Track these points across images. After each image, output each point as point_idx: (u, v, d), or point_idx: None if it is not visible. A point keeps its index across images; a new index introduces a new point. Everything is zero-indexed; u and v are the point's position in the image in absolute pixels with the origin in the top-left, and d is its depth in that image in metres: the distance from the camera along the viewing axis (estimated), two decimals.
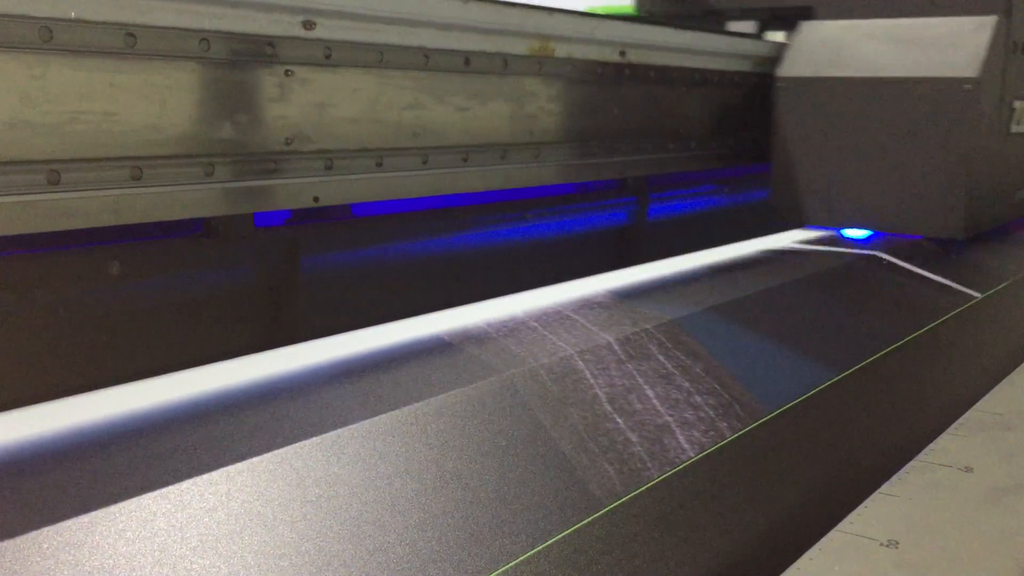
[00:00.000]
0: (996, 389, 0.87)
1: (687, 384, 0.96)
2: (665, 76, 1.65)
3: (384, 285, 1.34)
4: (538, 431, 0.80)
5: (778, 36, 1.96)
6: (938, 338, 1.24)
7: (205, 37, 0.96)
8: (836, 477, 0.78)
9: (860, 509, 0.53)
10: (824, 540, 0.50)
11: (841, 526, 0.51)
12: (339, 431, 0.69)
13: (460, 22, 1.26)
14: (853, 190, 1.65)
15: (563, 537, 0.70)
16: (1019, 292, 1.59)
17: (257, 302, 1.18)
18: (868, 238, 1.68)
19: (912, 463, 0.59)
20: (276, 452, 0.64)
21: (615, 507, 0.75)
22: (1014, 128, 1.74)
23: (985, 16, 1.58)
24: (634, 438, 0.85)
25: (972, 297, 1.46)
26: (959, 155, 1.54)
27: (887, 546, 0.45)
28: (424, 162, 1.25)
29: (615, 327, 1.03)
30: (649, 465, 0.82)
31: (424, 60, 1.22)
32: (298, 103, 1.08)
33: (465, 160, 1.31)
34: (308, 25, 1.07)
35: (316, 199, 1.12)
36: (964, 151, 1.54)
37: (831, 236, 1.69)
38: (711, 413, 0.92)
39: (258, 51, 1.02)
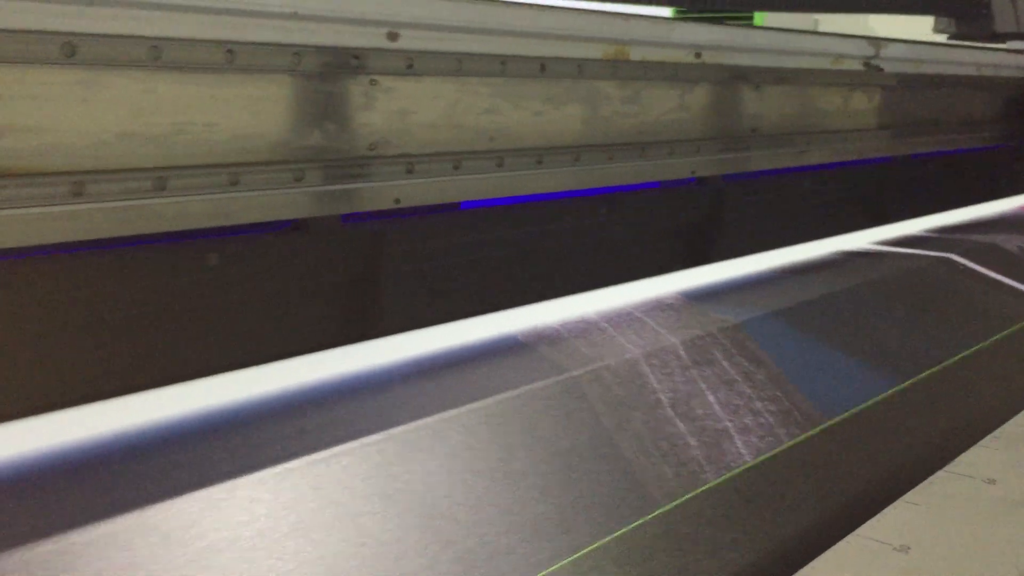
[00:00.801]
0: None
1: (748, 390, 0.99)
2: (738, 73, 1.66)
3: (465, 278, 1.40)
4: (601, 433, 0.84)
5: None
6: (1006, 347, 1.24)
7: (297, 51, 1.03)
8: (885, 483, 0.81)
9: (880, 515, 0.56)
10: (840, 544, 0.54)
11: (859, 530, 0.54)
12: (414, 424, 0.75)
13: (535, 30, 1.30)
14: None
15: (621, 534, 0.74)
16: None
17: (343, 294, 1.25)
18: None
19: (939, 472, 0.62)
20: (357, 443, 0.70)
21: (671, 507, 0.79)
22: None
23: None
24: (693, 442, 0.89)
25: None
26: None
27: (899, 551, 0.48)
28: (499, 164, 1.30)
29: (682, 330, 1.06)
30: (706, 468, 0.85)
31: (501, 67, 1.27)
32: (382, 111, 1.14)
33: (539, 162, 1.36)
34: (392, 36, 1.13)
35: (397, 200, 1.18)
36: None
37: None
38: (770, 420, 0.95)
39: (345, 63, 1.08)
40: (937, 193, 2.42)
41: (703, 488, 0.83)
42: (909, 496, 0.59)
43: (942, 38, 2.68)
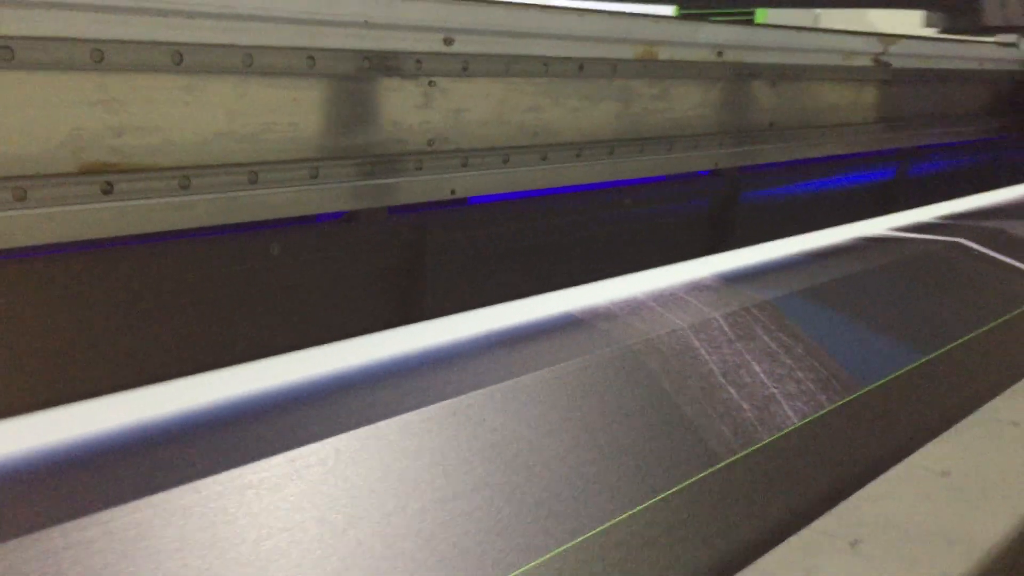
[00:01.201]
0: None
1: (789, 361, 1.08)
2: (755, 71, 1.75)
3: (499, 265, 1.48)
4: (664, 396, 0.93)
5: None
6: (1011, 331, 1.33)
7: (367, 56, 1.11)
8: (926, 429, 0.90)
9: (923, 449, 0.65)
10: (893, 469, 0.63)
11: (910, 459, 0.63)
12: (504, 384, 0.84)
13: (575, 33, 1.39)
14: None
15: (687, 485, 0.83)
16: None
17: (391, 279, 1.33)
18: None
19: (968, 417, 0.71)
20: (451, 401, 0.79)
21: (731, 462, 0.88)
22: None
23: None
24: (746, 405, 0.98)
25: None
26: None
27: (942, 475, 0.57)
28: (543, 158, 1.39)
29: (723, 307, 1.15)
30: (759, 429, 0.95)
31: (544, 68, 1.36)
32: (439, 109, 1.23)
33: (578, 155, 1.45)
34: (448, 41, 1.22)
35: (453, 191, 1.27)
36: None
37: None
38: (811, 387, 1.04)
39: (406, 66, 1.17)
40: (945, 181, 2.52)
41: (757, 446, 0.92)
42: (944, 436, 0.68)
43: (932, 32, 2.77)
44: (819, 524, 0.53)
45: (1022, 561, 0.50)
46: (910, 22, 2.89)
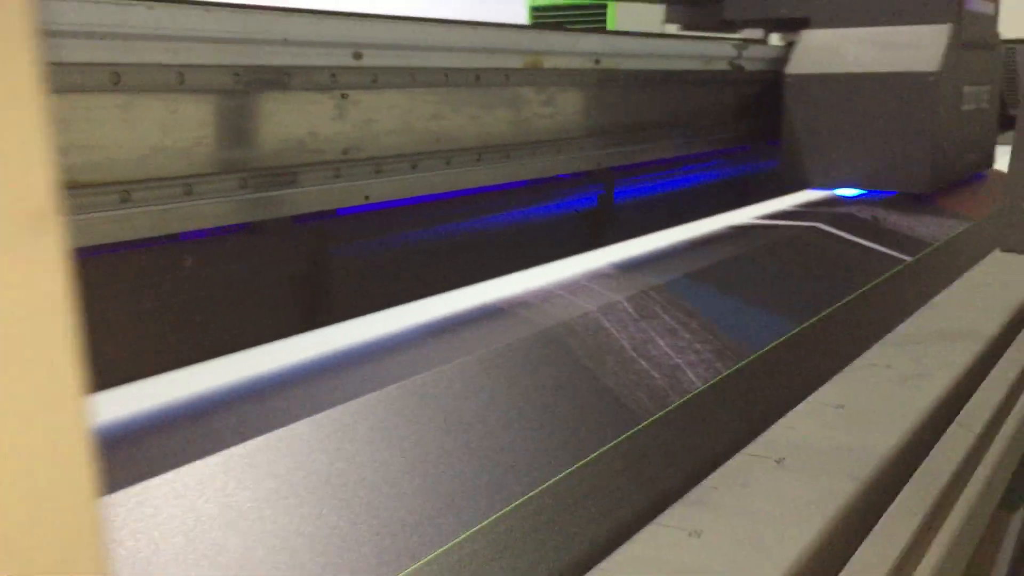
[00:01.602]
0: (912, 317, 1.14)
1: (688, 335, 1.21)
2: (639, 78, 1.90)
3: (394, 268, 1.56)
4: (585, 371, 1.04)
5: (775, 39, 2.56)
6: (872, 296, 1.52)
7: (287, 72, 1.18)
8: (818, 375, 1.05)
9: (820, 389, 0.79)
10: (798, 407, 0.76)
11: (809, 398, 0.77)
12: (444, 367, 0.93)
13: (471, 44, 1.49)
14: (846, 159, 2.19)
15: (618, 442, 0.94)
16: (944, 256, 1.88)
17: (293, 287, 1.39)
18: (859, 195, 2.19)
19: (853, 363, 0.86)
20: (406, 383, 0.87)
21: (649, 422, 1.00)
22: (964, 107, 2.32)
23: (942, 24, 2.14)
24: (656, 374, 1.10)
25: (902, 261, 1.74)
26: (926, 129, 2.07)
27: (837, 408, 0.71)
28: (447, 163, 1.48)
29: (624, 292, 1.28)
30: (670, 393, 1.07)
31: (444, 78, 1.45)
32: (352, 120, 1.30)
33: (478, 160, 1.55)
34: (357, 56, 1.29)
35: (367, 197, 1.35)
36: (929, 126, 2.07)
37: (804, 205, 2.06)
38: (709, 356, 1.18)
39: (323, 81, 1.24)
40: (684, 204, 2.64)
41: (670, 407, 1.04)
42: (835, 379, 0.81)
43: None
44: (749, 449, 0.65)
45: (903, 463, 0.63)
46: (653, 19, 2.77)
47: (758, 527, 0.53)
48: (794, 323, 1.33)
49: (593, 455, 0.85)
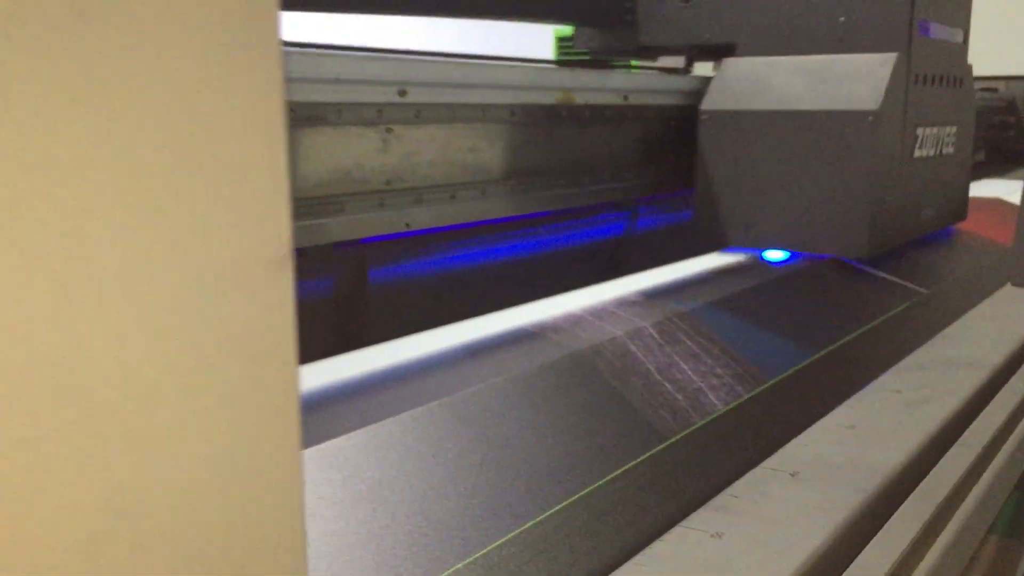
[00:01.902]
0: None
1: (710, 360, 1.28)
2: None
3: (426, 293, 1.64)
4: (613, 391, 1.11)
5: (707, 68, 2.06)
6: (886, 326, 1.58)
7: (339, 108, 1.26)
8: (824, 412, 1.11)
9: (834, 411, 0.86)
10: (813, 427, 0.83)
11: (822, 421, 0.83)
12: (480, 387, 1.00)
13: (507, 83, 1.57)
14: (771, 213, 1.79)
15: (645, 458, 1.01)
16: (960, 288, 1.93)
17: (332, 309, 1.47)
18: (785, 260, 1.79)
19: (864, 388, 0.92)
20: (447, 400, 0.95)
21: (673, 440, 1.06)
22: (918, 153, 1.90)
23: (887, 53, 1.73)
24: (680, 396, 1.17)
25: (918, 292, 1.80)
26: (863, 180, 1.69)
27: (849, 428, 0.77)
28: (483, 193, 1.56)
29: (650, 318, 1.35)
30: (692, 414, 1.13)
31: (482, 114, 1.54)
32: (394, 153, 1.39)
33: (511, 189, 1.63)
34: (402, 93, 1.38)
35: (407, 225, 1.43)
36: (867, 176, 1.69)
37: (753, 258, 1.81)
38: (730, 380, 1.24)
39: (368, 116, 1.33)
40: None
41: (692, 428, 1.11)
42: (848, 402, 0.88)
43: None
44: (767, 463, 0.71)
45: (906, 478, 0.70)
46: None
47: (773, 530, 0.59)
48: (811, 351, 1.39)
49: (621, 469, 0.92)
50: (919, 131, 1.88)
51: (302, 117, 1.21)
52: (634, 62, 2.25)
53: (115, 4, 0.21)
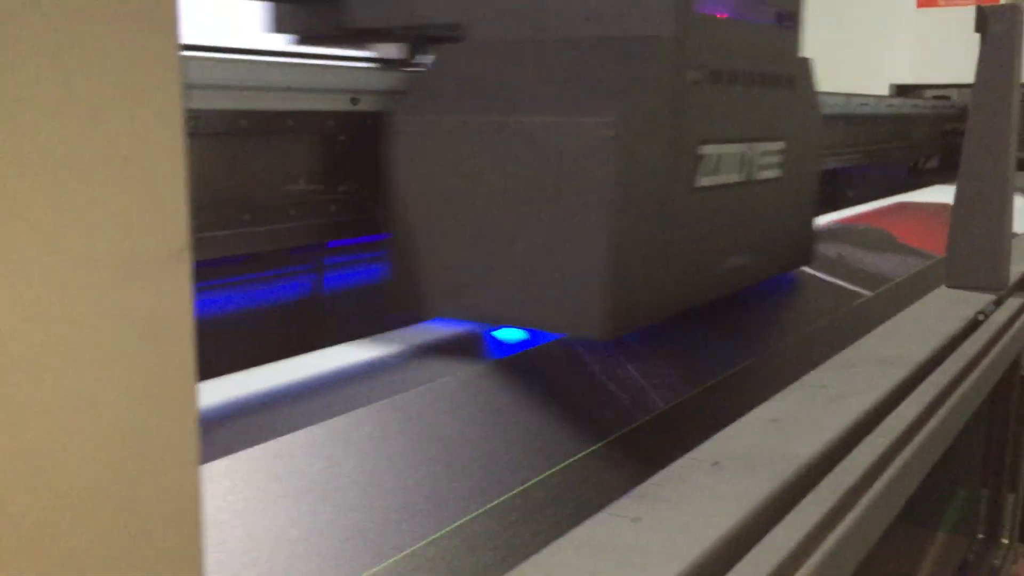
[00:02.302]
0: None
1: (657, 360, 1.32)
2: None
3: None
4: (557, 392, 1.15)
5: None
6: (829, 327, 1.63)
7: (290, 116, 1.29)
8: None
9: (770, 400, 0.90)
10: (747, 415, 0.87)
11: (756, 410, 0.87)
12: (426, 387, 1.03)
13: None
14: (488, 274, 1.17)
15: (585, 454, 1.04)
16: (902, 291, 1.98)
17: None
18: (521, 341, 1.22)
19: (792, 385, 0.96)
20: (394, 399, 0.97)
21: (614, 438, 1.10)
22: (705, 180, 1.27)
23: (643, 36, 1.15)
24: (623, 396, 1.20)
25: (862, 295, 1.85)
26: (597, 224, 1.08)
27: (774, 422, 0.81)
28: None
29: None
30: (636, 412, 1.17)
31: None
32: None
33: None
34: (354, 101, 1.40)
35: None
36: (605, 218, 1.08)
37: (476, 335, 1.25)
38: (674, 380, 1.28)
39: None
40: None
41: (636, 424, 1.14)
42: (775, 397, 0.92)
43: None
44: (690, 454, 0.75)
45: (822, 467, 0.74)
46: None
47: (689, 515, 0.63)
48: (755, 351, 1.44)
49: (561, 465, 0.95)
50: (705, 150, 1.27)
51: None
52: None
53: (25, 16, 0.23)
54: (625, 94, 1.10)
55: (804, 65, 1.56)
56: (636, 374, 1.22)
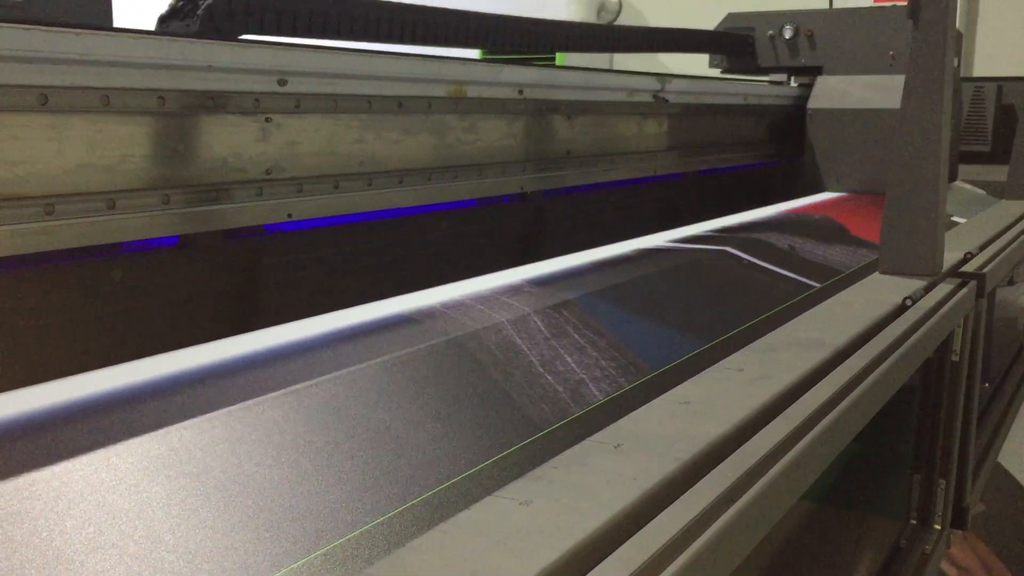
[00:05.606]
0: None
1: (595, 353, 1.30)
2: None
3: (332, 281, 1.64)
4: (492, 381, 1.13)
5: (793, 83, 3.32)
6: (775, 317, 1.63)
7: (211, 96, 1.26)
8: None
9: (678, 387, 0.88)
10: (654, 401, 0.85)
11: (666, 395, 0.86)
12: (355, 368, 1.00)
13: (394, 74, 1.58)
14: (856, 166, 2.94)
15: (518, 447, 1.02)
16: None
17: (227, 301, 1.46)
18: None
19: (709, 368, 0.95)
20: (321, 380, 0.95)
21: (549, 431, 1.08)
22: None
23: None
24: (560, 388, 1.19)
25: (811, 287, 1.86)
26: None
27: (683, 404, 0.80)
28: (369, 184, 1.56)
29: (537, 305, 1.37)
30: (572, 405, 1.15)
31: (368, 105, 1.54)
32: (275, 142, 1.38)
33: (400, 182, 1.63)
34: (282, 83, 1.37)
35: (289, 215, 1.42)
36: None
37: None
38: (613, 372, 1.27)
39: (247, 105, 1.32)
40: (722, 202, 2.87)
41: (570, 418, 1.13)
42: (690, 380, 0.91)
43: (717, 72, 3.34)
44: (593, 436, 0.73)
45: (724, 449, 0.73)
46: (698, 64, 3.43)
47: (582, 497, 0.61)
48: (698, 342, 1.43)
49: (492, 459, 0.93)
50: None
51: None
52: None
53: None
54: None
55: None
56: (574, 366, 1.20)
